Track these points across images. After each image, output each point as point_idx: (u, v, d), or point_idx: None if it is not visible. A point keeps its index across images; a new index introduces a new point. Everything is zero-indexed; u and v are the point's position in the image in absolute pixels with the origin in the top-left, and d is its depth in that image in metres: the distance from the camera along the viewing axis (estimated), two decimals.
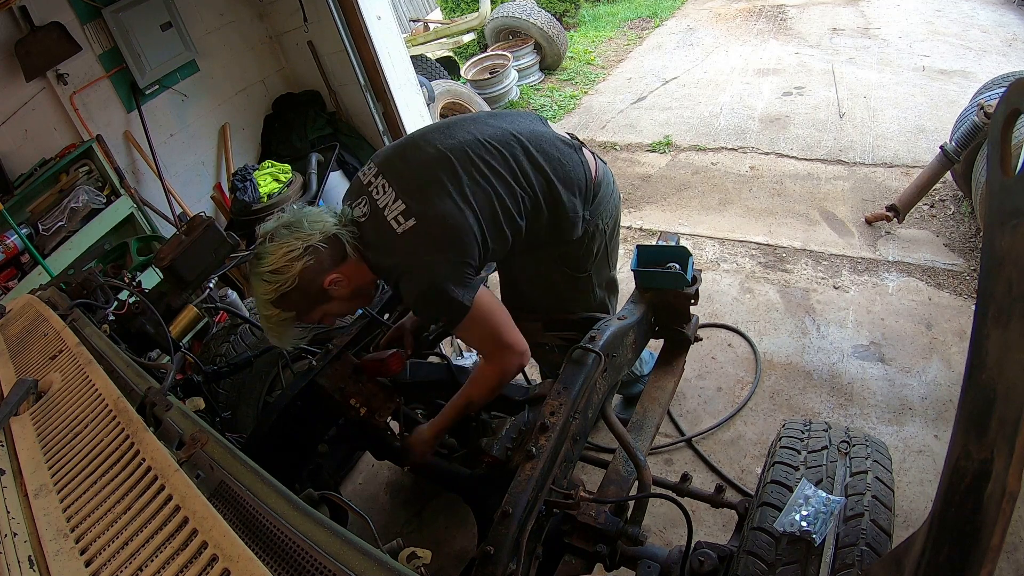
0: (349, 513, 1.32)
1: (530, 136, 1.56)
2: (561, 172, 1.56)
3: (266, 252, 1.40)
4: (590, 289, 1.85)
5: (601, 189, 1.68)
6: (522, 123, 1.61)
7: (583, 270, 1.78)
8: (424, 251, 1.39)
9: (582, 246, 1.70)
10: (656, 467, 2.25)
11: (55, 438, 1.08)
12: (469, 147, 1.49)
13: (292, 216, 1.45)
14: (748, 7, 6.81)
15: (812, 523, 1.13)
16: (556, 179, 1.55)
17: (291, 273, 1.39)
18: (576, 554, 1.39)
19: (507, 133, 1.54)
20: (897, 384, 2.35)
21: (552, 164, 1.55)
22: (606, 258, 1.84)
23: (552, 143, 1.59)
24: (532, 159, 1.53)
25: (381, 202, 1.44)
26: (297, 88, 4.27)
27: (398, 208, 1.41)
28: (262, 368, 2.26)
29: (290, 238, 1.40)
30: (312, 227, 1.41)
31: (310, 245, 1.40)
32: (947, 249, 2.97)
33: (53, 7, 3.09)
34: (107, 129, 3.37)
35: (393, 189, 1.44)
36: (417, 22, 7.31)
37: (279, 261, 1.39)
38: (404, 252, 1.40)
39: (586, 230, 1.66)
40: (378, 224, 1.43)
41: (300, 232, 1.40)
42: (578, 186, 1.60)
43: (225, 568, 0.72)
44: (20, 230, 2.87)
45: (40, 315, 1.62)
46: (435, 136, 1.52)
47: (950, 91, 4.24)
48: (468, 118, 1.61)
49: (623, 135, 4.79)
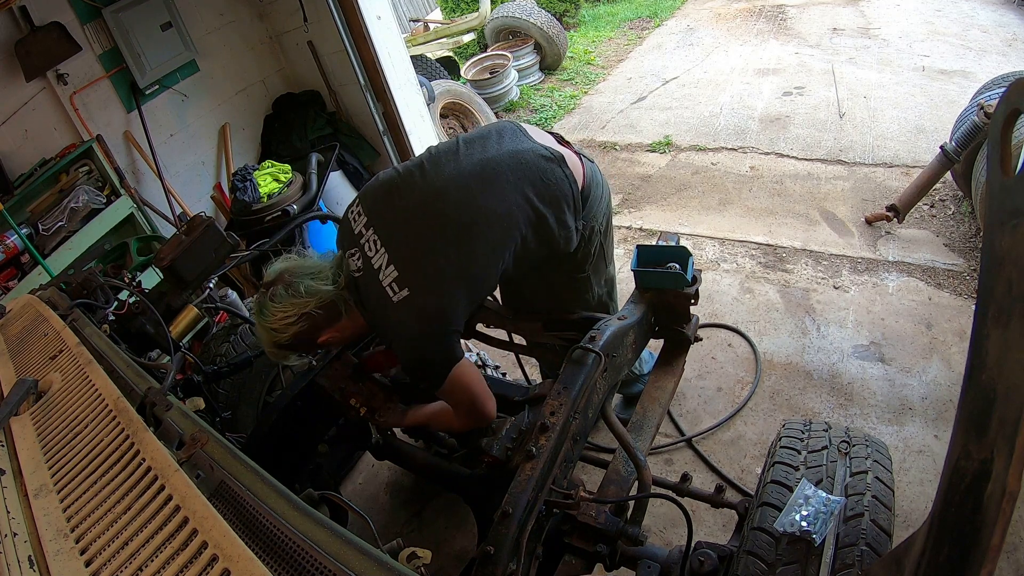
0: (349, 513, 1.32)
1: (511, 162, 1.53)
2: (547, 195, 1.54)
3: (266, 309, 1.48)
4: (588, 288, 1.86)
5: (591, 192, 1.67)
6: (503, 145, 1.58)
7: (581, 271, 1.80)
8: (416, 323, 1.42)
9: (579, 251, 1.72)
10: (656, 467, 2.25)
11: (55, 438, 1.09)
12: (452, 193, 1.48)
13: (294, 274, 1.50)
14: (748, 7, 6.80)
15: (812, 523, 1.13)
16: (542, 204, 1.53)
17: (287, 334, 1.49)
18: (576, 554, 1.39)
19: (488, 167, 1.52)
20: (897, 384, 2.35)
21: (536, 189, 1.53)
22: (603, 256, 1.86)
23: (534, 164, 1.55)
24: (516, 189, 1.51)
25: (375, 262, 1.46)
26: (297, 88, 4.26)
27: (391, 275, 1.42)
28: (262, 368, 2.26)
29: (287, 303, 1.46)
30: (309, 294, 1.47)
31: (305, 312, 1.46)
32: (947, 249, 2.97)
33: (53, 7, 3.09)
34: (107, 129, 3.37)
35: (385, 250, 1.45)
36: (417, 22, 7.31)
37: (276, 323, 1.47)
38: (398, 322, 1.44)
39: (582, 236, 1.67)
40: (373, 285, 1.45)
41: (297, 300, 1.46)
42: (565, 202, 1.58)
43: (225, 568, 0.72)
44: (20, 230, 2.87)
45: (40, 315, 1.62)
46: (419, 182, 1.51)
47: (950, 91, 4.24)
48: (449, 150, 1.57)
49: (623, 135, 4.79)
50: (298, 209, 3.08)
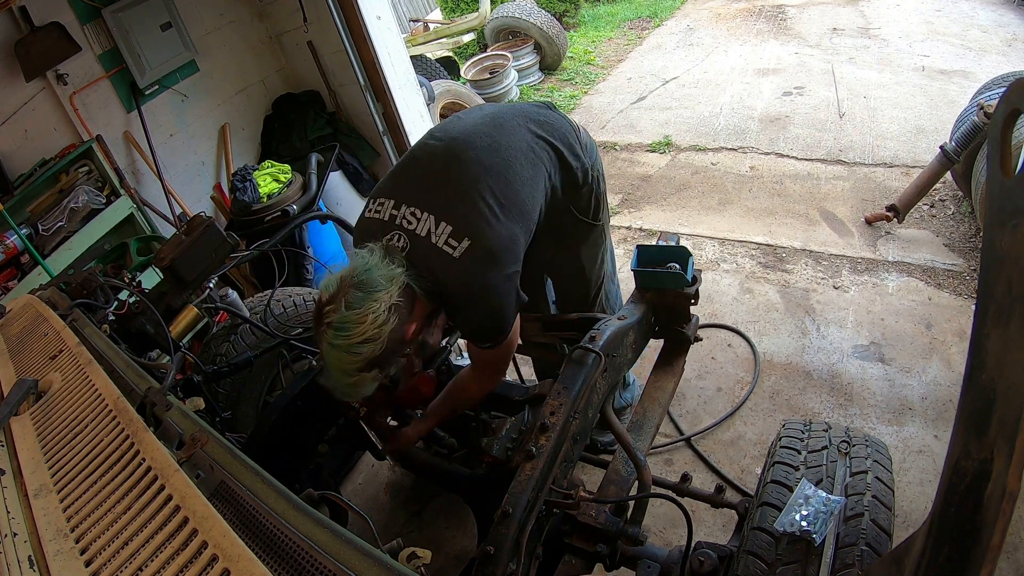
0: (349, 513, 1.32)
1: (512, 111, 1.63)
2: (555, 132, 1.62)
3: (348, 322, 1.24)
4: (603, 243, 1.90)
5: (589, 140, 1.76)
6: (497, 104, 1.70)
7: (597, 219, 1.82)
8: (486, 269, 1.36)
9: (591, 192, 1.75)
10: (656, 467, 2.25)
11: (55, 438, 1.08)
12: (475, 140, 1.49)
13: (357, 272, 1.29)
14: (748, 7, 6.80)
15: (812, 523, 1.13)
16: (554, 140, 1.61)
17: (380, 339, 1.26)
18: (576, 554, 1.39)
19: (495, 117, 1.58)
20: (897, 384, 2.36)
21: (544, 128, 1.60)
22: (607, 213, 1.90)
23: (531, 109, 1.66)
24: (528, 131, 1.57)
25: (421, 229, 1.36)
26: (297, 88, 4.26)
27: (445, 232, 1.34)
28: (262, 368, 2.25)
29: (370, 301, 1.25)
30: (388, 280, 1.28)
31: (393, 304, 1.27)
32: (947, 249, 2.97)
33: (53, 7, 3.08)
34: (107, 129, 3.37)
35: (429, 214, 1.37)
36: (417, 22, 7.31)
37: (369, 330, 1.24)
38: (466, 273, 1.35)
39: (591, 175, 1.72)
40: (429, 252, 1.35)
41: (378, 292, 1.26)
42: (571, 137, 1.66)
43: (225, 568, 0.72)
44: (20, 230, 2.87)
45: (40, 315, 1.61)
46: (436, 145, 1.51)
47: (950, 91, 4.24)
48: (449, 121, 1.62)
49: (623, 135, 4.79)
50: (298, 209, 3.08)
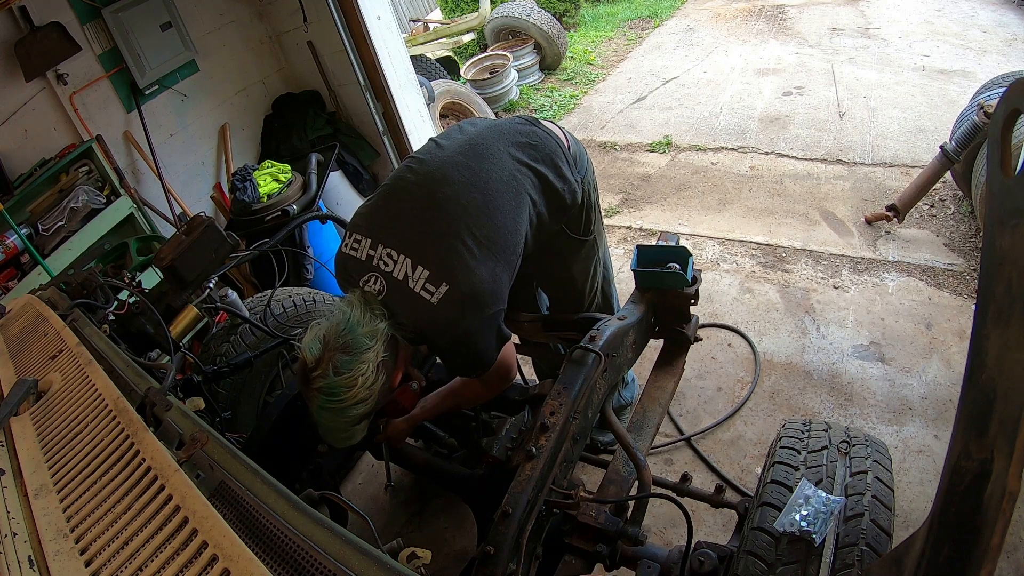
0: (349, 513, 1.32)
1: (493, 134, 1.56)
2: (539, 155, 1.57)
3: (338, 387, 1.24)
4: (595, 255, 1.86)
5: (578, 152, 1.71)
6: (477, 125, 1.61)
7: (588, 233, 1.78)
8: (466, 315, 1.33)
9: (583, 210, 1.72)
10: (656, 467, 2.25)
11: (55, 438, 1.08)
12: (453, 175, 1.44)
13: (340, 333, 1.27)
14: (748, 7, 6.80)
15: (812, 523, 1.13)
16: (538, 164, 1.55)
17: (371, 399, 1.28)
18: (576, 554, 1.39)
19: (475, 144, 1.52)
20: (897, 384, 2.36)
21: (527, 152, 1.56)
22: (600, 220, 1.87)
23: (514, 129, 1.60)
24: (509, 155, 1.53)
25: (398, 272, 1.35)
26: (297, 88, 4.26)
27: (422, 276, 1.32)
28: (262, 368, 2.26)
29: (357, 364, 1.24)
30: (372, 339, 1.27)
31: (380, 361, 1.28)
32: (947, 249, 2.97)
33: (53, 7, 3.08)
34: (107, 129, 3.36)
35: (405, 256, 1.35)
36: (417, 22, 7.31)
37: (360, 392, 1.25)
38: (445, 321, 1.33)
39: (583, 189, 1.68)
40: (405, 297, 1.34)
41: (365, 353, 1.25)
42: (557, 157, 1.60)
43: (225, 568, 0.72)
44: (20, 230, 2.87)
45: (40, 315, 1.61)
46: (413, 180, 1.46)
47: (950, 91, 4.24)
48: (428, 148, 1.56)
49: (623, 135, 4.79)
50: (298, 209, 3.08)
